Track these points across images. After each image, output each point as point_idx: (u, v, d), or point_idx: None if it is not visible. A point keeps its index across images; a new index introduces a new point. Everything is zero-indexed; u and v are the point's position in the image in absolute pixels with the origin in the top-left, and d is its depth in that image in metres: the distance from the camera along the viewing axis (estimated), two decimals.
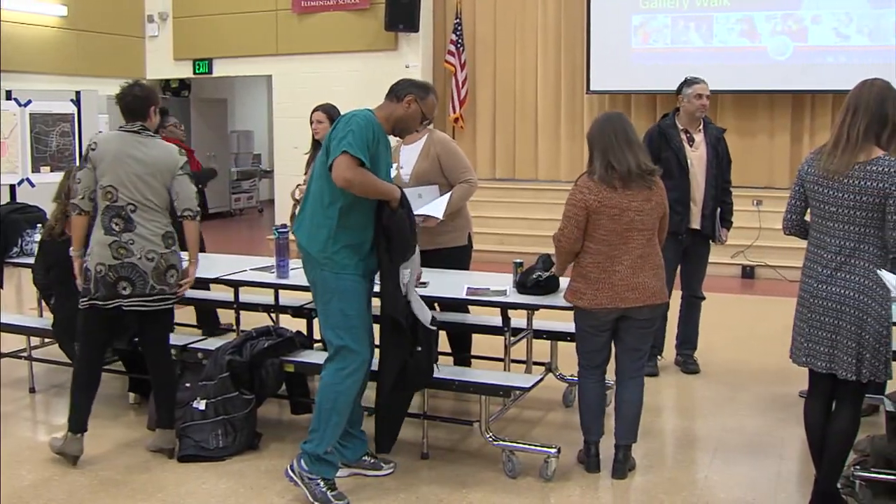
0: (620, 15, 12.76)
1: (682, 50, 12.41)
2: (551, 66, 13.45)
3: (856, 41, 11.90)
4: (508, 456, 4.81)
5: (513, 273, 5.22)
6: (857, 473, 4.47)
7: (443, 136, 5.94)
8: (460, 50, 13.52)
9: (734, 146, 12.09)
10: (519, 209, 12.41)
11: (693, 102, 6.32)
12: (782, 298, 8.28)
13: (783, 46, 12.18)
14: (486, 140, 13.88)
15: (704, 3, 12.44)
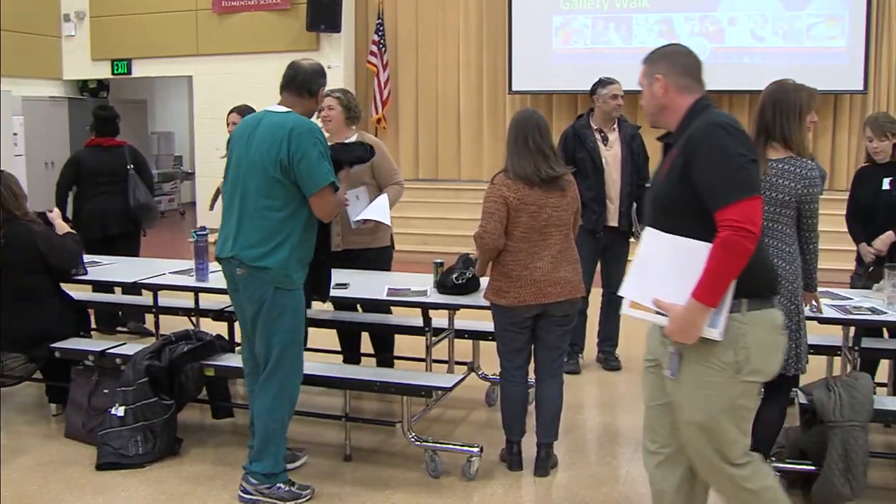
0: (541, 16, 12.85)
1: (602, 50, 12.53)
2: (473, 66, 13.49)
3: (771, 42, 12.17)
4: (431, 456, 4.82)
5: (433, 273, 5.24)
6: (772, 464, 4.57)
7: (373, 138, 5.98)
8: (382, 50, 13.49)
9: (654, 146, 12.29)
10: (441, 209, 12.43)
11: (608, 103, 6.41)
12: None
13: (701, 47, 12.24)
14: (408, 140, 13.88)
15: (624, 4, 12.59)
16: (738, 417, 3.23)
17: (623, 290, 3.27)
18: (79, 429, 5.23)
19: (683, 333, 3.09)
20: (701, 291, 3.02)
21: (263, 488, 4.41)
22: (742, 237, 2.96)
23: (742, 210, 2.98)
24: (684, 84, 3.33)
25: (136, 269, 6.03)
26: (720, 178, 3.04)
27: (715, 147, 3.09)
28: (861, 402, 4.31)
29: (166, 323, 6.05)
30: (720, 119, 3.17)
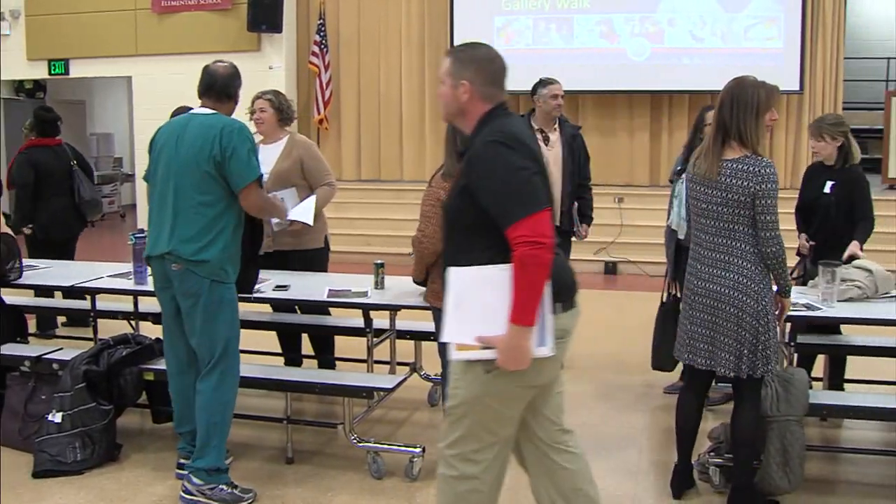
0: (483, 16, 12.89)
1: (544, 51, 12.61)
2: (415, 66, 13.49)
3: (710, 43, 12.34)
4: (373, 457, 4.82)
5: (374, 274, 5.25)
6: (711, 460, 4.64)
7: (305, 139, 6.01)
8: (324, 50, 13.44)
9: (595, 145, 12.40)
10: (384, 210, 12.41)
11: (549, 103, 6.44)
12: (644, 293, 8.52)
13: (641, 48, 12.51)
14: (350, 141, 13.84)
15: (565, 5, 12.68)
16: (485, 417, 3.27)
17: (444, 335, 3.22)
18: (14, 436, 5.13)
19: (516, 361, 3.09)
20: (516, 314, 3.03)
21: (206, 488, 4.40)
22: (536, 250, 2.97)
23: (530, 225, 2.99)
24: (489, 93, 3.33)
25: (74, 272, 5.94)
26: (505, 196, 3.06)
27: (496, 165, 3.10)
28: (797, 396, 4.38)
29: (106, 327, 5.96)
30: (501, 134, 3.17)
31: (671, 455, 4.96)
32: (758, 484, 4.37)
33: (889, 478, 4.90)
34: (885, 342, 5.44)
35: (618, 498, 4.61)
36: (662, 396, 6.10)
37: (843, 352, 5.60)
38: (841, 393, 5.45)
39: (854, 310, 4.85)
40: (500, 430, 3.33)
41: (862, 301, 4.97)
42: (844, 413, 5.15)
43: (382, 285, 5.28)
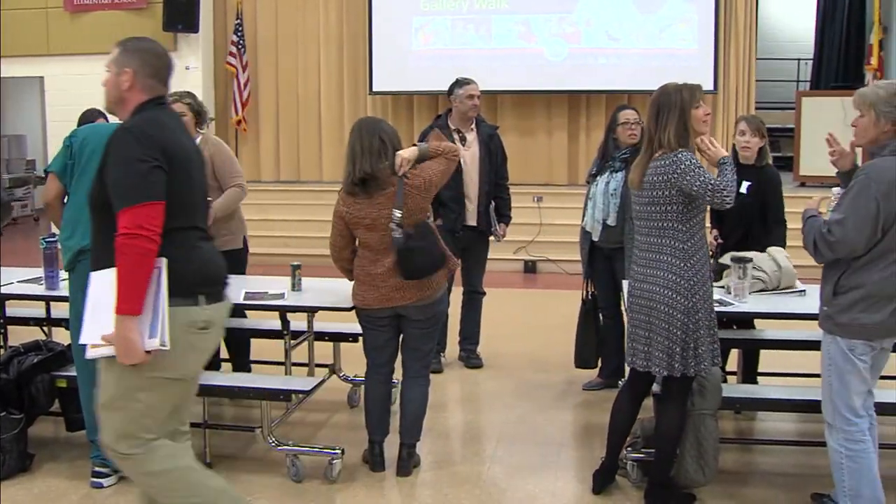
0: (402, 16, 12.88)
1: (462, 51, 12.62)
2: (334, 67, 13.43)
3: (626, 44, 12.49)
4: (292, 460, 4.78)
5: (291, 276, 5.22)
6: (629, 455, 4.70)
7: (217, 140, 5.99)
8: (241, 51, 13.29)
9: (514, 145, 12.48)
10: (303, 211, 12.29)
11: (465, 103, 6.45)
12: (563, 292, 8.59)
13: (559, 48, 12.61)
14: (269, 142, 13.71)
15: (483, 5, 12.72)
16: (134, 410, 3.33)
17: (82, 339, 3.32)
18: None
19: (125, 352, 3.16)
20: (119, 303, 3.11)
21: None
22: (133, 241, 3.07)
23: (132, 215, 3.10)
24: (150, 84, 3.44)
25: None
26: (119, 183, 3.17)
27: (120, 152, 3.22)
28: (711, 390, 4.46)
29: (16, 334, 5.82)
30: (135, 124, 3.30)
31: (591, 451, 5.04)
32: (674, 477, 4.44)
33: (801, 467, 5.02)
34: (797, 335, 5.54)
35: (536, 494, 4.65)
36: (582, 393, 6.16)
37: (756, 346, 5.71)
38: (754, 386, 5.56)
39: (765, 304, 4.95)
40: (155, 423, 3.39)
41: (770, 294, 5.08)
42: (757, 406, 5.26)
43: (299, 287, 5.25)
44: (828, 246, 3.82)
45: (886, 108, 3.87)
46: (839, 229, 3.78)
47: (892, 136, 3.88)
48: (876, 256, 3.85)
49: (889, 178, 3.79)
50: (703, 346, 4.21)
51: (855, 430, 3.99)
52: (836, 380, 3.99)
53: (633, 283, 4.35)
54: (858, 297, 3.87)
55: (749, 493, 4.67)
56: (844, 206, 3.82)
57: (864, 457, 3.99)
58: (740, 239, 5.54)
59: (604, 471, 4.62)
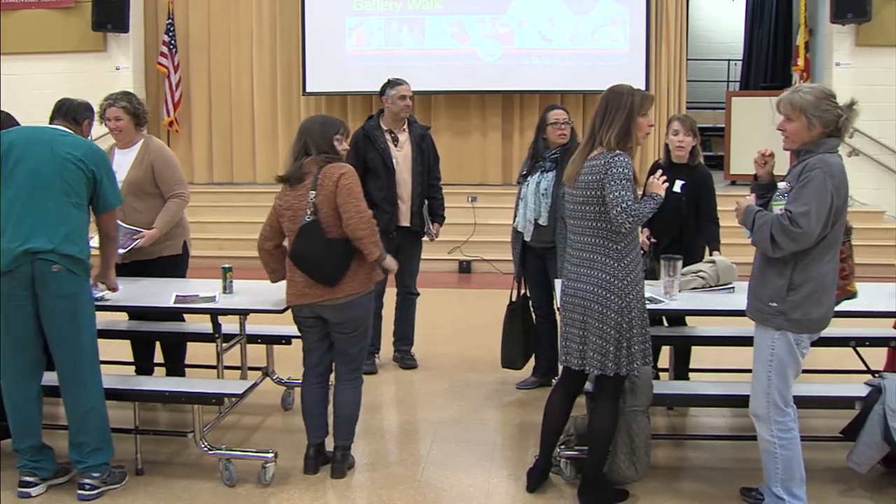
0: (335, 17, 12.83)
1: (396, 52, 12.63)
2: (267, 67, 13.33)
3: (558, 44, 12.60)
4: (225, 465, 4.73)
5: (221, 279, 5.17)
6: (562, 453, 4.73)
7: (160, 144, 5.79)
8: (173, 51, 13.14)
9: (448, 145, 12.53)
10: (237, 213, 12.19)
11: (397, 103, 6.44)
12: (498, 291, 8.58)
13: (492, 49, 12.66)
14: (202, 143, 13.56)
15: (416, 6, 12.73)
16: None
17: None
18: None
19: None
20: None
21: (105, 476, 4.56)
22: None
23: None
24: None
25: None
26: None
27: None
28: (642, 388, 4.51)
29: None
30: None
31: (525, 450, 5.07)
32: (607, 474, 4.48)
33: (732, 461, 5.09)
34: (727, 332, 5.61)
35: (471, 493, 4.66)
36: (516, 392, 6.19)
37: (687, 343, 5.78)
38: (685, 382, 5.63)
39: (694, 302, 5.02)
40: None
41: (702, 292, 5.15)
42: (688, 402, 5.35)
43: (231, 290, 5.21)
44: (791, 238, 3.89)
45: (817, 113, 3.97)
46: (805, 221, 3.86)
47: (824, 136, 3.98)
48: (823, 250, 3.96)
49: (838, 174, 3.92)
50: (636, 345, 4.26)
51: (788, 420, 4.12)
52: (777, 374, 4.08)
53: (567, 282, 4.38)
54: (811, 291, 3.98)
55: (681, 488, 4.73)
56: (806, 199, 3.88)
57: (795, 443, 4.14)
58: (674, 238, 5.60)
59: (538, 469, 4.65)
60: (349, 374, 4.85)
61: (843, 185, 3.95)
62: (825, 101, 3.98)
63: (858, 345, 5.58)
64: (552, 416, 4.58)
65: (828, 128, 3.98)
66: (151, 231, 5.54)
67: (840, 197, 3.93)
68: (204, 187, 12.94)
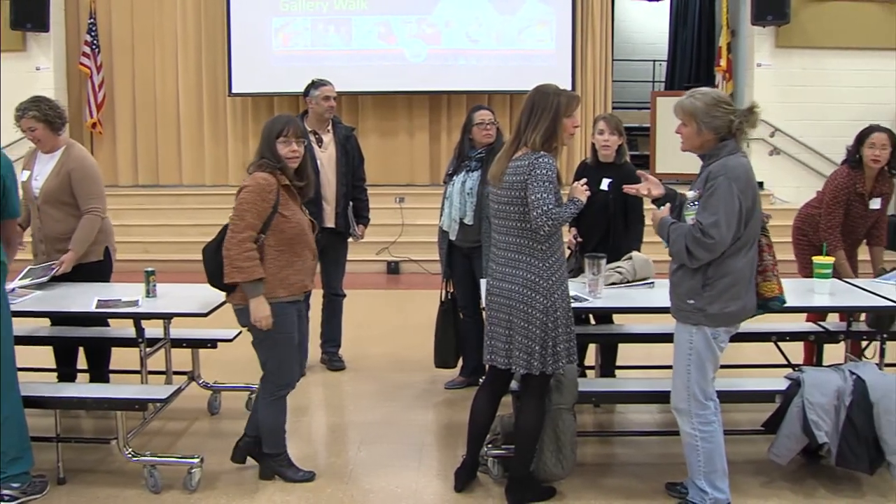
0: (261, 17, 12.72)
1: (323, 52, 12.56)
2: (192, 68, 13.16)
3: (485, 45, 12.64)
4: (150, 471, 4.66)
5: (144, 282, 5.10)
6: (489, 452, 4.75)
7: (80, 154, 5.63)
8: (95, 51, 12.90)
9: (376, 146, 12.53)
10: (163, 216, 12.03)
11: (321, 104, 6.41)
12: (426, 291, 8.62)
13: (419, 49, 12.67)
14: (126, 145, 13.31)
15: (343, 6, 12.67)
16: None
17: None
18: None
19: None
20: None
21: (25, 487, 4.48)
22: None
23: None
24: None
25: None
26: None
27: None
28: (567, 386, 4.55)
29: None
30: None
31: (453, 450, 5.08)
32: (534, 472, 4.50)
33: (658, 457, 5.16)
34: (653, 329, 5.68)
35: (399, 494, 4.66)
36: (444, 392, 6.20)
37: (612, 340, 5.84)
38: (610, 380, 5.69)
39: (618, 300, 5.07)
40: None
41: (625, 288, 5.22)
42: (612, 398, 5.43)
43: (154, 293, 5.14)
44: (705, 249, 3.96)
45: (706, 119, 4.07)
46: (716, 231, 3.93)
47: (716, 141, 4.08)
48: (738, 247, 4.04)
49: (742, 176, 3.99)
50: (561, 343, 4.29)
51: (708, 413, 4.20)
52: (696, 368, 4.15)
53: (492, 281, 4.39)
54: (727, 286, 4.05)
55: (608, 484, 4.78)
56: (714, 208, 3.96)
57: (716, 436, 4.22)
58: (602, 237, 5.66)
59: (465, 468, 4.66)
60: (261, 385, 4.77)
61: (748, 186, 4.02)
62: (715, 108, 4.06)
63: (780, 340, 5.69)
64: (478, 416, 4.60)
65: (718, 133, 4.07)
66: (68, 255, 5.47)
67: (748, 198, 4.00)
68: (129, 190, 12.77)
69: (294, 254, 4.56)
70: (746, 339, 5.62)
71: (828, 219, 5.87)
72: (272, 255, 4.49)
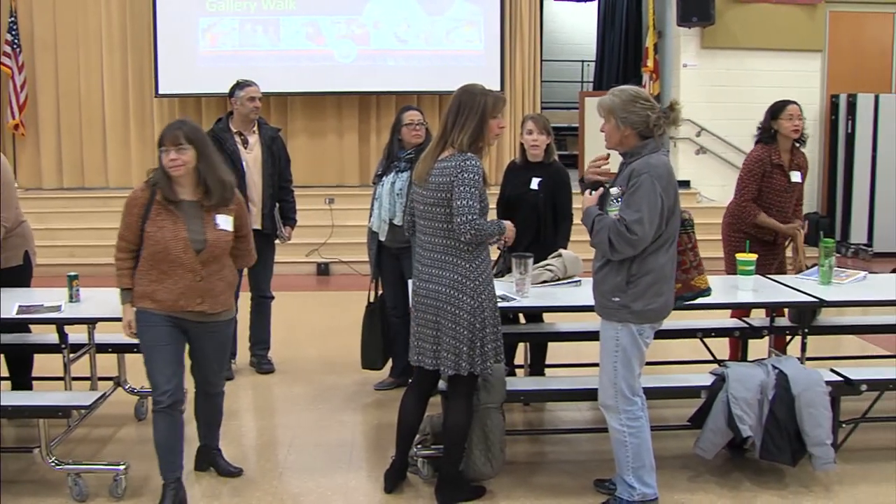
0: (187, 17, 12.56)
1: (251, 52, 12.45)
2: (118, 68, 12.92)
3: (414, 45, 12.65)
4: (75, 479, 4.59)
5: (67, 287, 5.02)
6: (419, 452, 4.76)
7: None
8: (17, 51, 12.62)
9: (305, 147, 12.48)
10: (89, 219, 11.82)
11: (246, 105, 6.36)
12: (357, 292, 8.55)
13: (348, 50, 12.63)
14: (50, 147, 13.02)
15: (271, 6, 12.57)
16: None
17: None
18: None
19: None
20: None
21: None
22: None
23: None
24: None
25: None
26: None
27: None
28: (495, 385, 4.57)
29: None
30: None
31: (382, 451, 5.08)
32: (463, 471, 4.52)
33: (587, 454, 5.23)
34: (581, 327, 5.69)
35: (329, 496, 4.66)
36: (374, 393, 6.19)
37: (542, 339, 5.88)
38: (538, 378, 5.74)
39: (545, 298, 5.11)
40: None
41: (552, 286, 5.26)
42: (540, 397, 5.46)
43: (78, 298, 5.06)
44: (628, 244, 4.01)
45: (623, 115, 4.14)
46: (640, 227, 3.99)
47: (636, 138, 4.15)
48: (660, 244, 4.11)
49: (664, 174, 4.07)
50: (489, 343, 4.31)
51: (635, 409, 4.26)
52: (622, 364, 4.20)
53: (419, 282, 4.40)
54: (650, 282, 4.11)
55: (537, 482, 4.82)
56: (637, 205, 4.01)
57: (644, 432, 4.28)
58: (534, 238, 5.68)
59: (395, 469, 4.66)
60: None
61: (670, 184, 4.10)
62: (633, 104, 4.13)
63: (705, 336, 5.78)
64: (407, 417, 4.60)
65: (637, 128, 4.14)
66: None
67: (669, 196, 4.08)
68: (53, 193, 12.53)
69: (161, 272, 4.34)
70: (673, 336, 5.75)
71: (741, 193, 5.98)
72: (143, 268, 4.38)
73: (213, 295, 4.42)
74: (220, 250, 4.42)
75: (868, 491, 4.70)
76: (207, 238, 4.35)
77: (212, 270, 4.40)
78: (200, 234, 4.34)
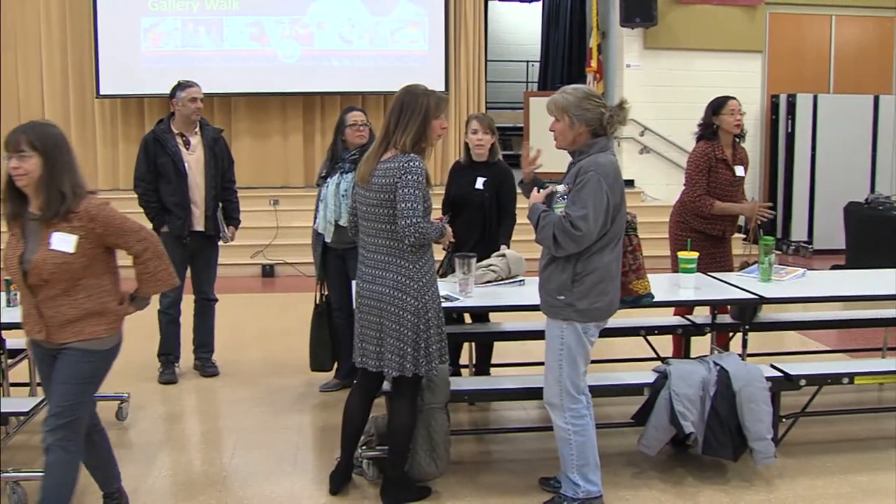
0: (129, 17, 12.41)
1: (194, 53, 12.35)
2: (58, 69, 12.72)
3: (358, 46, 12.64)
4: (14, 487, 4.52)
5: (5, 291, 4.94)
6: (364, 453, 4.74)
7: None
8: None
9: (249, 148, 12.40)
10: None
11: (188, 106, 6.31)
12: (302, 294, 8.54)
13: (292, 50, 12.57)
14: None
15: (214, 6, 12.48)
16: None
17: None
18: None
19: None
20: None
21: None
22: None
23: None
24: None
25: None
26: None
27: None
28: (440, 385, 4.58)
29: None
30: None
31: (328, 453, 5.06)
32: (408, 472, 4.52)
33: (532, 452, 5.24)
34: (527, 326, 5.72)
35: (274, 499, 4.63)
36: (319, 395, 6.16)
37: (487, 338, 5.90)
38: (483, 378, 5.76)
39: (489, 298, 5.11)
40: None
41: (496, 286, 5.27)
42: (484, 396, 5.47)
43: (14, 303, 4.96)
44: (573, 240, 4.04)
45: (577, 112, 4.17)
46: (584, 224, 4.01)
47: (589, 136, 4.17)
48: (605, 243, 4.14)
49: (611, 172, 4.11)
50: (433, 344, 4.32)
51: (580, 407, 4.28)
52: (567, 363, 4.22)
53: (362, 283, 4.38)
54: (595, 281, 4.14)
55: (483, 481, 4.82)
56: (583, 202, 4.04)
57: (588, 430, 4.31)
58: (480, 237, 5.71)
59: (340, 471, 4.65)
60: None
61: (616, 183, 4.14)
62: (586, 101, 4.17)
63: (648, 333, 5.84)
64: (352, 418, 4.59)
65: (591, 126, 4.17)
66: None
67: (616, 195, 4.11)
68: None
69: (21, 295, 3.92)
70: (617, 334, 5.77)
71: (693, 188, 6.04)
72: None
73: (58, 324, 3.81)
74: (50, 274, 3.73)
75: (807, 484, 4.78)
76: (33, 259, 3.74)
77: (49, 296, 3.78)
78: (32, 253, 3.76)
